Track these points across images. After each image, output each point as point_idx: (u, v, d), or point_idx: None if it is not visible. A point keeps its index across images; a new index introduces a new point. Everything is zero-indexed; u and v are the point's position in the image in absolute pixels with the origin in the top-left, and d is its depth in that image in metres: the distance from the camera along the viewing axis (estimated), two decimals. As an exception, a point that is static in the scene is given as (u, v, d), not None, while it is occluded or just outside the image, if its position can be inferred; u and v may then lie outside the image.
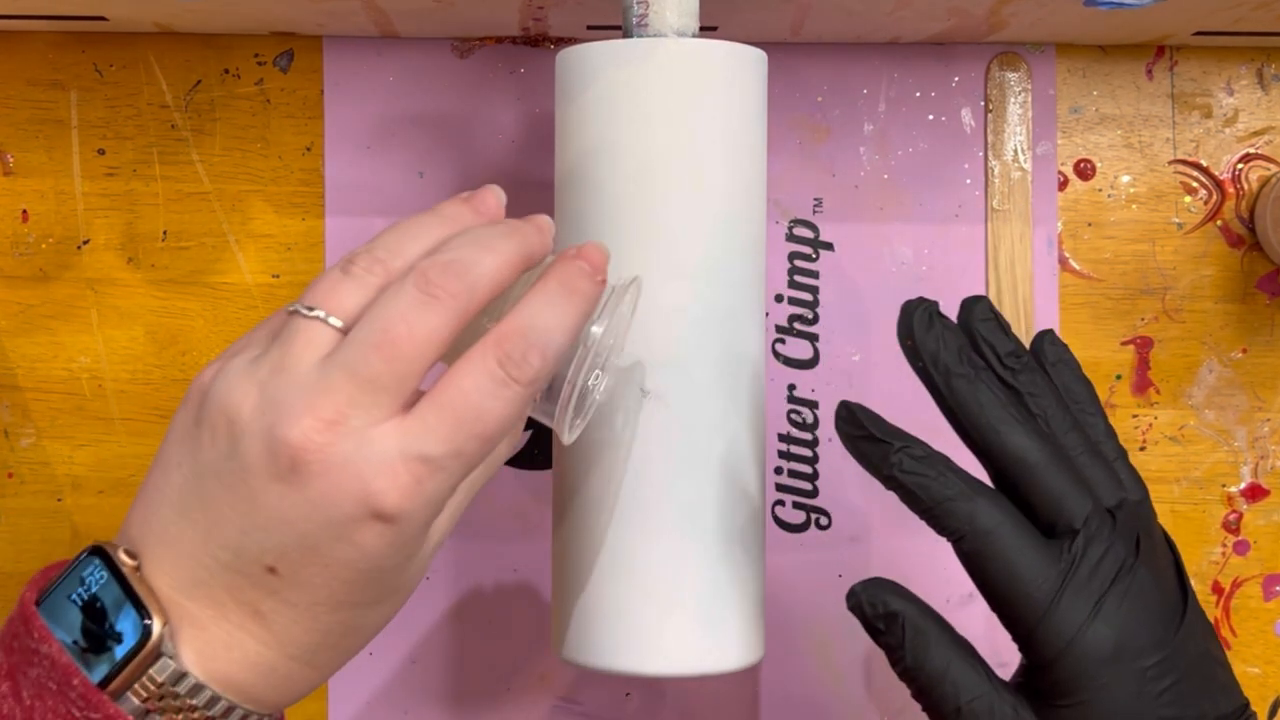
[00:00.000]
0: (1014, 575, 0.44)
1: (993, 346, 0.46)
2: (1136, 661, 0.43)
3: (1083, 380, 0.48)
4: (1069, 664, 0.43)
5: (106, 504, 0.67)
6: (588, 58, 0.51)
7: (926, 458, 0.44)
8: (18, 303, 0.67)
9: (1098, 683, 0.43)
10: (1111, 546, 0.44)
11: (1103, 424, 0.48)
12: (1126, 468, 0.47)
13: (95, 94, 0.66)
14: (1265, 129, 0.67)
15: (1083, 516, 0.44)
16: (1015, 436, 0.45)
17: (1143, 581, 0.44)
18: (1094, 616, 0.43)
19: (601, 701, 0.67)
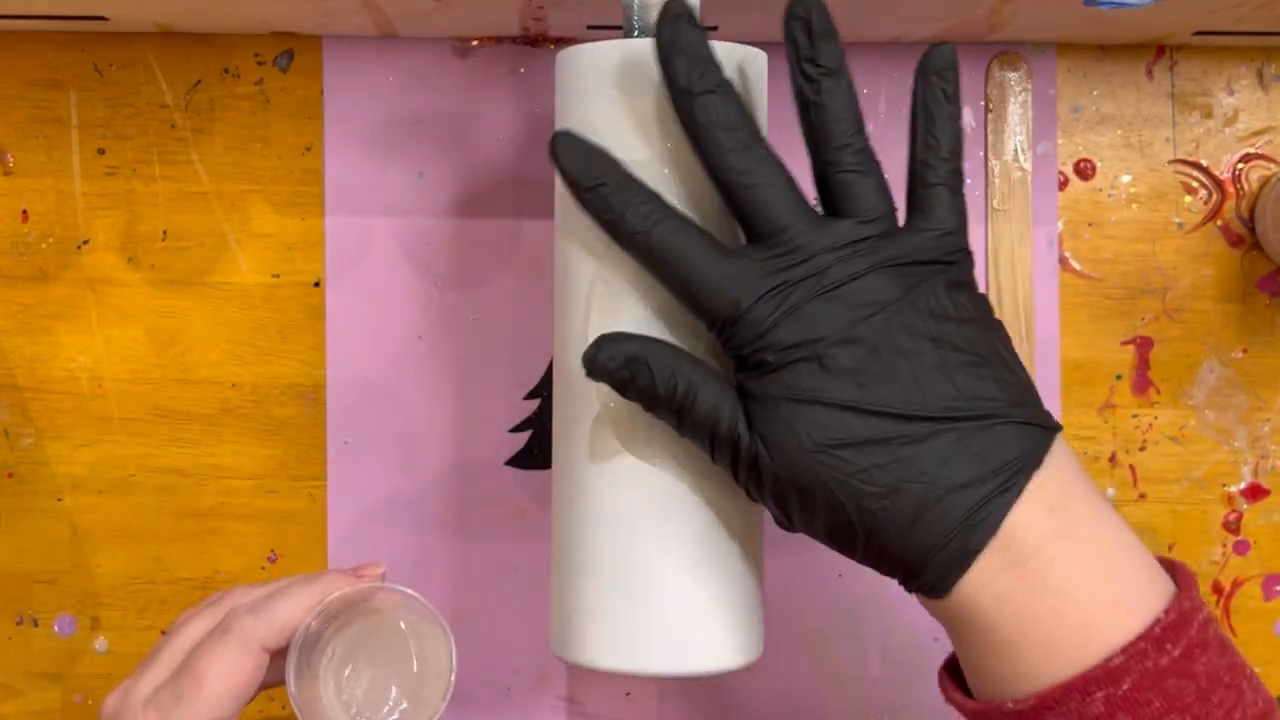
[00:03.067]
0: (697, 296, 0.46)
1: (795, 46, 0.46)
2: (816, 342, 0.45)
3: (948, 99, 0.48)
4: (756, 358, 0.45)
5: (106, 504, 0.67)
6: (588, 58, 0.51)
7: (614, 194, 0.46)
8: (18, 303, 0.67)
9: (772, 364, 0.45)
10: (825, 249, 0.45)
11: (947, 147, 0.47)
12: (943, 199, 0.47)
13: (95, 94, 0.66)
14: (1265, 129, 0.67)
15: (796, 229, 0.45)
16: (730, 159, 0.46)
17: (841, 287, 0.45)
18: (771, 319, 0.45)
19: (601, 701, 0.67)
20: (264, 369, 0.67)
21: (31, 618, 0.67)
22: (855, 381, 0.45)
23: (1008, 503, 0.44)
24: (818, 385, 0.45)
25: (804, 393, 0.45)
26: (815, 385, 0.45)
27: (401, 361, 0.66)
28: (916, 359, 0.45)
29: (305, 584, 0.52)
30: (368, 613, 0.52)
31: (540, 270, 0.66)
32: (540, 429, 0.66)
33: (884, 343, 0.45)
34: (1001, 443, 0.44)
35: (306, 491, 0.67)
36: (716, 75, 0.46)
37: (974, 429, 0.44)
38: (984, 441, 0.44)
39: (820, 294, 0.45)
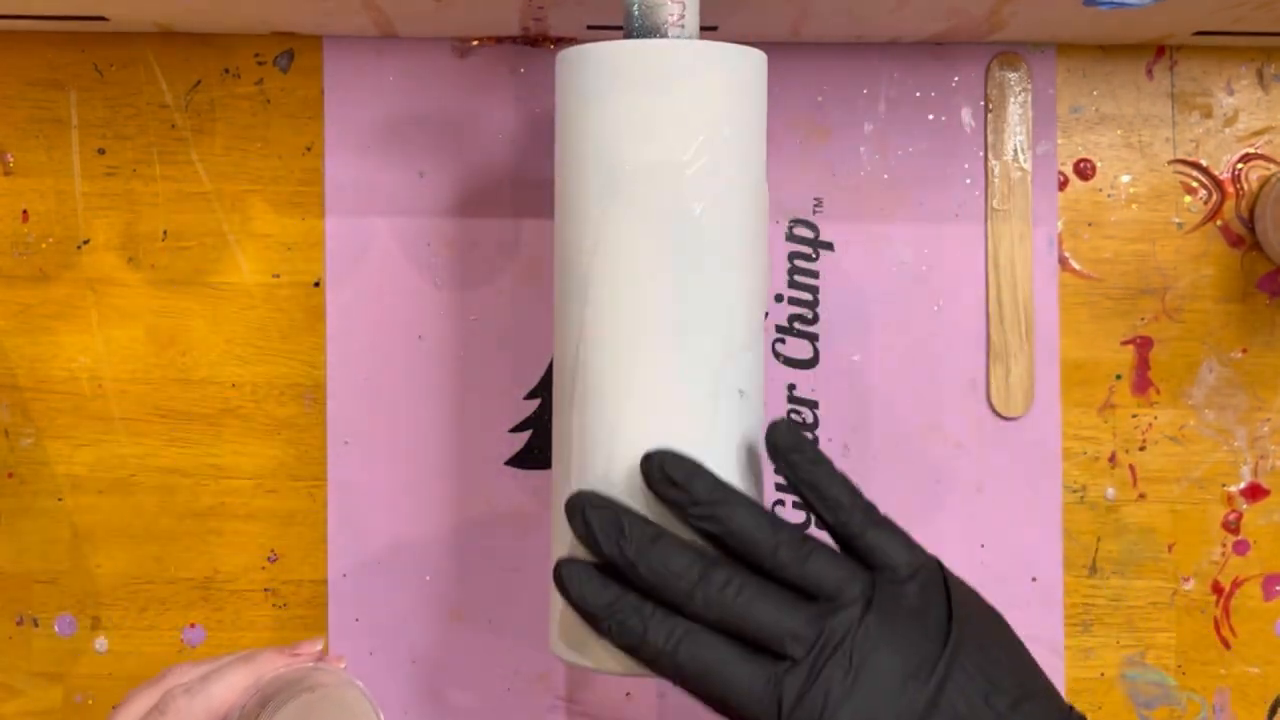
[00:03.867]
0: (736, 705, 0.46)
1: (675, 504, 0.47)
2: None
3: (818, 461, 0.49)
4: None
5: (106, 504, 0.67)
6: (588, 58, 0.51)
7: (630, 618, 0.47)
8: (18, 303, 0.67)
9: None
10: (839, 642, 0.46)
11: (845, 499, 0.48)
12: (880, 537, 0.48)
13: (95, 94, 0.66)
14: (1265, 129, 0.67)
15: (796, 634, 0.46)
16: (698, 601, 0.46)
17: (874, 658, 0.45)
18: (826, 710, 0.45)
19: (601, 701, 0.67)
20: (264, 369, 0.67)
21: (31, 618, 0.67)
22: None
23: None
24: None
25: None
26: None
27: (401, 361, 0.66)
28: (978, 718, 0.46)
29: (241, 664, 0.52)
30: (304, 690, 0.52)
31: (540, 270, 0.66)
32: (540, 429, 0.66)
33: (946, 714, 0.45)
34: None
35: (306, 491, 0.67)
36: (644, 531, 0.47)
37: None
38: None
39: (867, 677, 0.45)
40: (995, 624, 0.48)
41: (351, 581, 0.67)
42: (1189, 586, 0.67)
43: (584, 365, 0.50)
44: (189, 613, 0.67)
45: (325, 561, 0.67)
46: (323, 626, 0.67)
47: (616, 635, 0.47)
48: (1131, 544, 0.67)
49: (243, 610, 0.67)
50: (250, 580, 0.67)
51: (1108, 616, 0.67)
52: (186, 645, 0.67)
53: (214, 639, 0.67)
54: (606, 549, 0.47)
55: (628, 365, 0.50)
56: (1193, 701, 0.67)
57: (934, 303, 0.67)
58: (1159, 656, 0.67)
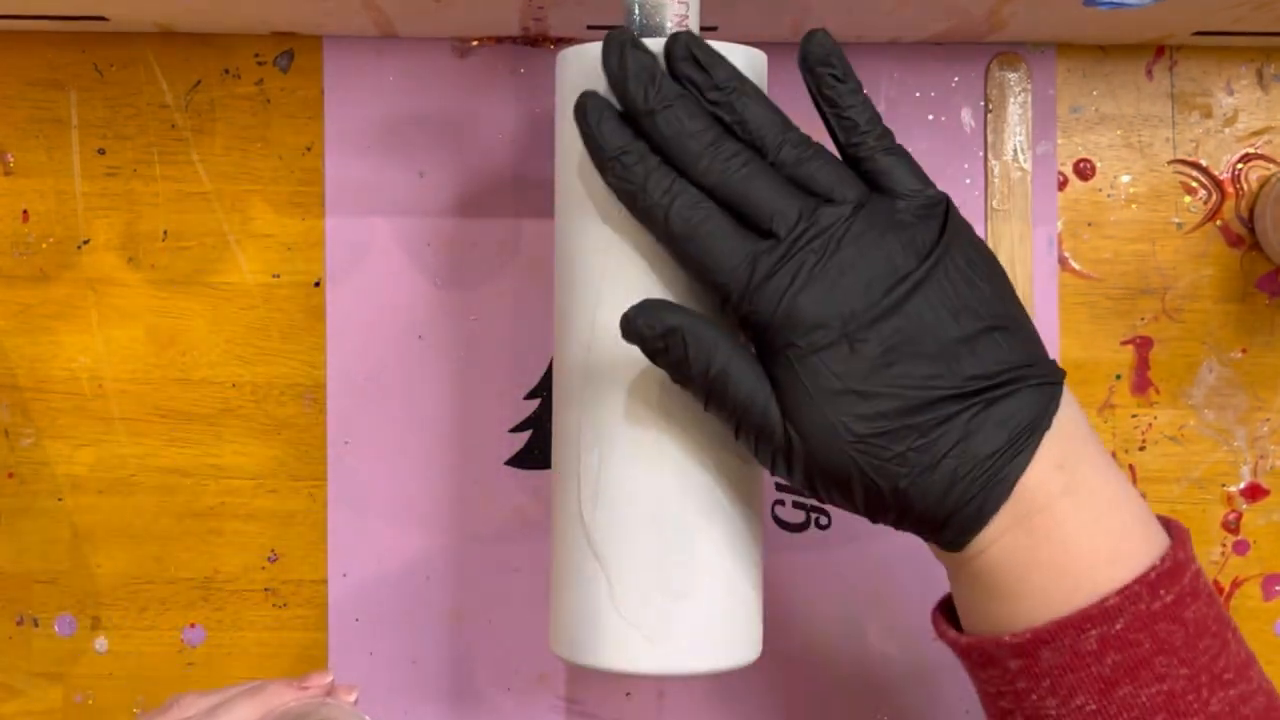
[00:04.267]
0: (711, 270, 0.47)
1: (693, 82, 0.48)
2: (845, 326, 0.45)
3: (847, 78, 0.49)
4: (776, 338, 0.46)
5: (106, 504, 0.67)
6: (588, 58, 0.51)
7: (636, 164, 0.47)
8: (18, 303, 0.67)
9: (801, 349, 0.45)
10: (820, 232, 0.46)
11: (862, 120, 0.48)
12: (891, 162, 0.48)
13: (95, 94, 0.66)
14: (1265, 129, 0.68)
15: (784, 215, 0.46)
16: (703, 163, 0.47)
17: (848, 254, 0.46)
18: (788, 291, 0.46)
19: (601, 701, 0.67)
20: (264, 369, 0.67)
21: (31, 618, 0.67)
22: (887, 365, 0.45)
23: (1023, 464, 0.46)
24: (851, 373, 0.45)
25: (838, 382, 0.45)
26: (849, 373, 0.45)
27: (401, 361, 0.66)
28: (941, 332, 0.46)
29: (249, 696, 0.52)
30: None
31: (540, 270, 0.66)
32: (540, 429, 0.66)
33: (910, 320, 0.46)
34: (1019, 407, 0.46)
35: (306, 491, 0.67)
36: (672, 88, 0.47)
37: (996, 397, 0.46)
38: (1005, 409, 0.46)
39: (836, 266, 0.46)
40: (989, 262, 0.48)
41: (351, 581, 0.67)
42: (1189, 586, 0.67)
43: (595, 366, 0.50)
44: (189, 613, 0.67)
45: (325, 561, 0.67)
46: (323, 626, 0.67)
47: (619, 177, 0.47)
48: (1131, 544, 0.67)
49: (243, 610, 0.67)
50: (250, 580, 0.67)
51: (1107, 616, 0.67)
52: (186, 645, 0.67)
53: (214, 639, 0.67)
54: (634, 90, 0.47)
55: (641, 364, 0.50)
56: (1192, 701, 0.67)
57: (934, 303, 0.67)
58: (1159, 656, 0.67)
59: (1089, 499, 0.47)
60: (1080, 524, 0.46)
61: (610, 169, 0.48)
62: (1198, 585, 0.47)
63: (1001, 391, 0.46)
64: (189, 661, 0.67)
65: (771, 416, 0.46)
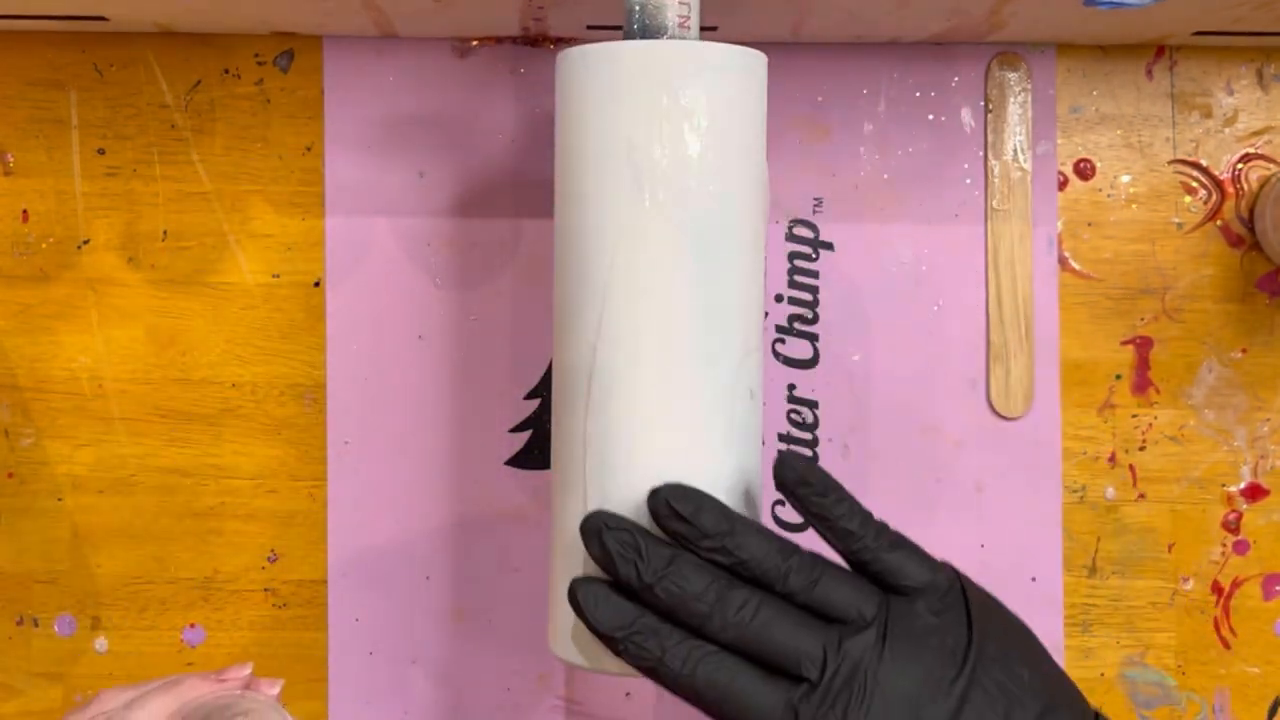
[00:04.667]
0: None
1: (684, 539, 0.47)
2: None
3: (827, 491, 0.48)
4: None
5: (106, 504, 0.67)
6: (588, 58, 0.51)
7: (648, 639, 0.46)
8: (18, 303, 0.67)
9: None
10: (854, 665, 0.45)
11: (856, 526, 0.48)
12: (896, 559, 0.48)
13: (95, 94, 0.66)
14: (1265, 129, 0.68)
15: (811, 656, 0.45)
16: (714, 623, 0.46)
17: (889, 680, 0.45)
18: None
19: (601, 701, 0.67)
20: (264, 369, 0.67)
21: (31, 618, 0.67)
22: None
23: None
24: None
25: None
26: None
27: (401, 361, 0.66)
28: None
29: (164, 690, 0.52)
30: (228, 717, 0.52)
31: (540, 270, 0.66)
32: (540, 429, 0.66)
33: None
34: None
35: (306, 491, 0.67)
36: (661, 555, 0.47)
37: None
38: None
39: (881, 703, 0.45)
40: (1017, 636, 0.48)
41: (351, 581, 0.67)
42: (1189, 586, 0.67)
43: (602, 367, 0.50)
44: (189, 613, 0.67)
45: (325, 561, 0.67)
46: (323, 626, 0.67)
47: (634, 657, 0.47)
48: (1131, 544, 0.67)
49: (243, 610, 0.67)
50: (250, 580, 0.67)
51: (1107, 617, 0.67)
52: (186, 645, 0.67)
53: (214, 639, 0.67)
54: (624, 572, 0.47)
55: (648, 366, 0.50)
56: (1192, 702, 0.67)
57: (934, 303, 0.67)
58: (1159, 656, 0.67)
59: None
60: None
61: (623, 651, 0.47)
62: None
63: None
64: (189, 661, 0.67)
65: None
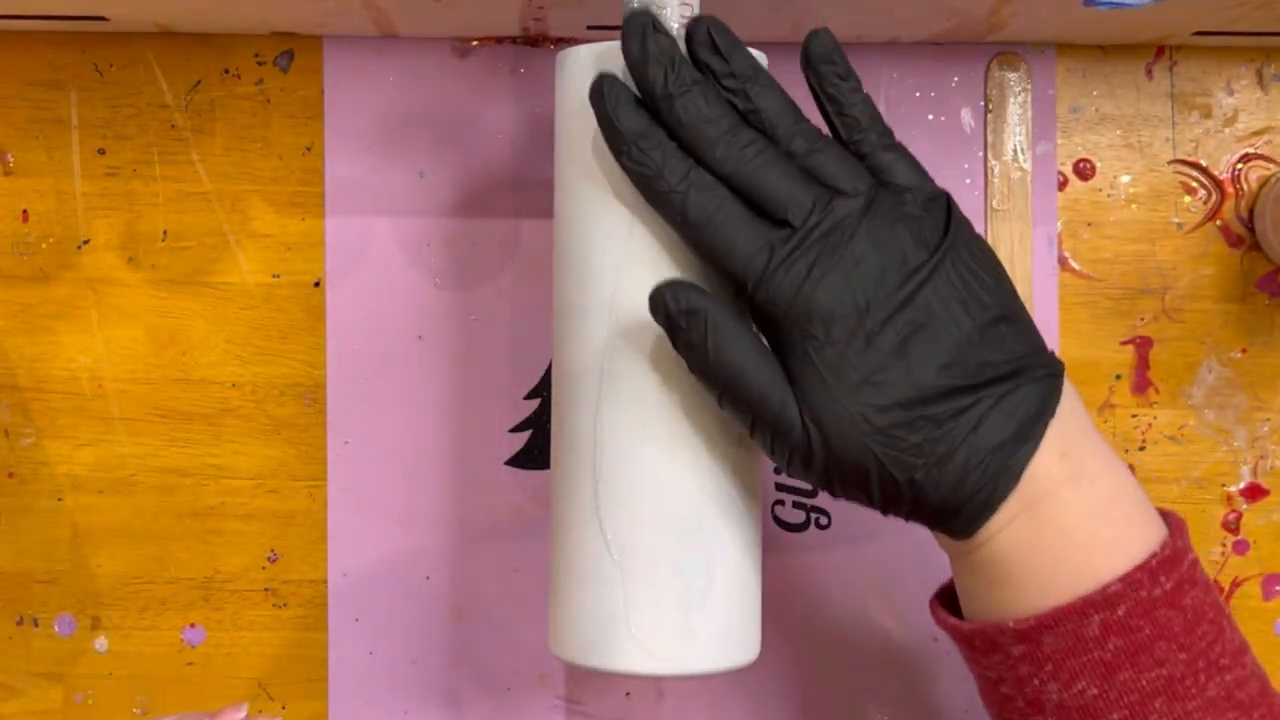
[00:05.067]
0: (726, 257, 0.47)
1: (710, 68, 0.48)
2: (862, 317, 0.46)
3: (848, 76, 0.49)
4: (792, 329, 0.46)
5: (106, 504, 0.67)
6: (588, 58, 0.51)
7: (653, 149, 0.47)
8: (18, 303, 0.67)
9: (819, 340, 0.46)
10: (835, 224, 0.46)
11: (864, 118, 0.49)
12: (893, 158, 0.49)
13: (95, 94, 0.66)
14: (1265, 129, 0.68)
15: (799, 204, 0.46)
16: (719, 150, 0.47)
17: (862, 246, 0.46)
18: (806, 282, 0.46)
19: (601, 701, 0.67)
20: (264, 369, 0.67)
21: (31, 618, 0.67)
22: (903, 357, 0.46)
23: (1029, 453, 0.47)
24: (869, 364, 0.46)
25: (856, 374, 0.46)
26: (866, 364, 0.46)
27: (401, 361, 0.66)
28: (953, 325, 0.46)
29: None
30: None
31: (540, 270, 0.66)
32: (540, 429, 0.66)
33: (922, 311, 0.46)
34: (1026, 396, 0.47)
35: (306, 491, 0.67)
36: (690, 74, 0.48)
37: (1005, 389, 0.47)
38: (1013, 400, 0.47)
39: (851, 258, 0.46)
40: (989, 255, 0.49)
41: (351, 581, 0.67)
42: (1189, 586, 0.67)
43: (613, 366, 0.50)
44: (189, 613, 0.67)
45: (325, 561, 0.67)
46: (323, 626, 0.67)
47: (635, 162, 0.47)
48: (1131, 544, 0.67)
49: (243, 610, 0.67)
50: (250, 580, 0.67)
51: (1107, 616, 0.67)
52: (186, 645, 0.67)
53: (214, 639, 0.67)
54: (654, 74, 0.47)
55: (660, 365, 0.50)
56: (1192, 701, 0.67)
57: (934, 303, 0.67)
58: (1159, 656, 0.67)
59: (1091, 487, 0.48)
60: (1083, 511, 0.47)
61: (627, 153, 0.48)
62: (1195, 573, 0.48)
63: (1009, 383, 0.47)
64: (189, 661, 0.67)
65: (789, 411, 0.47)
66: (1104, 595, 0.46)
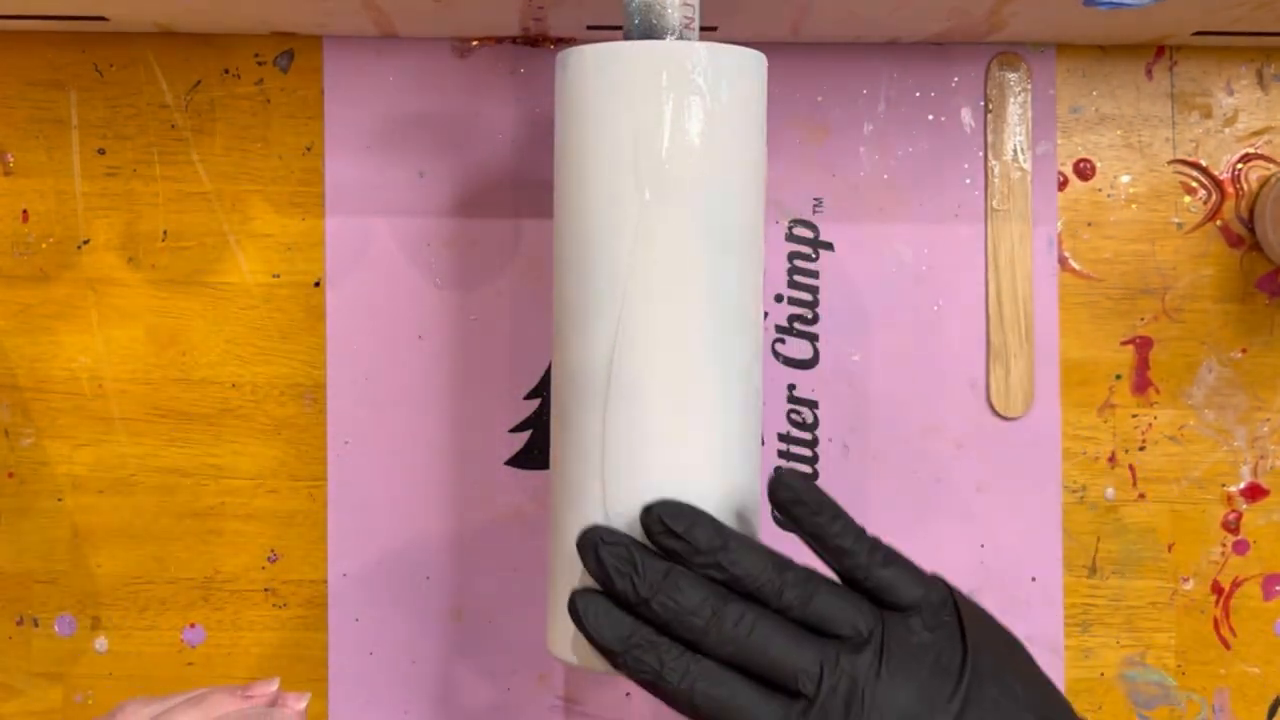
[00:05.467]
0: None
1: (678, 555, 0.47)
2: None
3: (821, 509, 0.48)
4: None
5: (106, 504, 0.67)
6: (588, 58, 0.51)
7: (646, 653, 0.46)
8: (18, 303, 0.67)
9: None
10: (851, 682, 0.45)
11: (850, 543, 0.48)
12: (889, 574, 0.48)
13: (95, 94, 0.66)
14: (1265, 129, 0.68)
15: (808, 672, 0.45)
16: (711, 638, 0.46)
17: (886, 698, 0.45)
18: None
19: (601, 701, 0.67)
20: (264, 369, 0.67)
21: (31, 618, 0.67)
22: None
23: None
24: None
25: None
26: None
27: (401, 361, 0.66)
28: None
29: (191, 705, 0.51)
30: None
31: (540, 270, 0.66)
32: (540, 429, 0.66)
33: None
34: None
35: (306, 491, 0.67)
36: (656, 569, 0.47)
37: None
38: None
39: (875, 714, 0.45)
40: (1011, 653, 0.48)
41: (351, 581, 0.67)
42: (1189, 586, 0.67)
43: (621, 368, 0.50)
44: (189, 613, 0.67)
45: (325, 561, 0.67)
46: (323, 626, 0.67)
47: (633, 671, 0.47)
48: (1131, 544, 0.67)
49: (243, 610, 0.67)
50: (250, 580, 0.67)
51: (1107, 616, 0.67)
52: (186, 645, 0.67)
53: (214, 639, 0.67)
54: (620, 586, 0.47)
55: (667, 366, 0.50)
56: (1192, 702, 0.67)
57: (934, 303, 0.67)
58: (1159, 656, 0.67)
59: None
60: None
61: (622, 664, 0.47)
62: None
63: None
64: (189, 661, 0.67)
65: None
66: None
